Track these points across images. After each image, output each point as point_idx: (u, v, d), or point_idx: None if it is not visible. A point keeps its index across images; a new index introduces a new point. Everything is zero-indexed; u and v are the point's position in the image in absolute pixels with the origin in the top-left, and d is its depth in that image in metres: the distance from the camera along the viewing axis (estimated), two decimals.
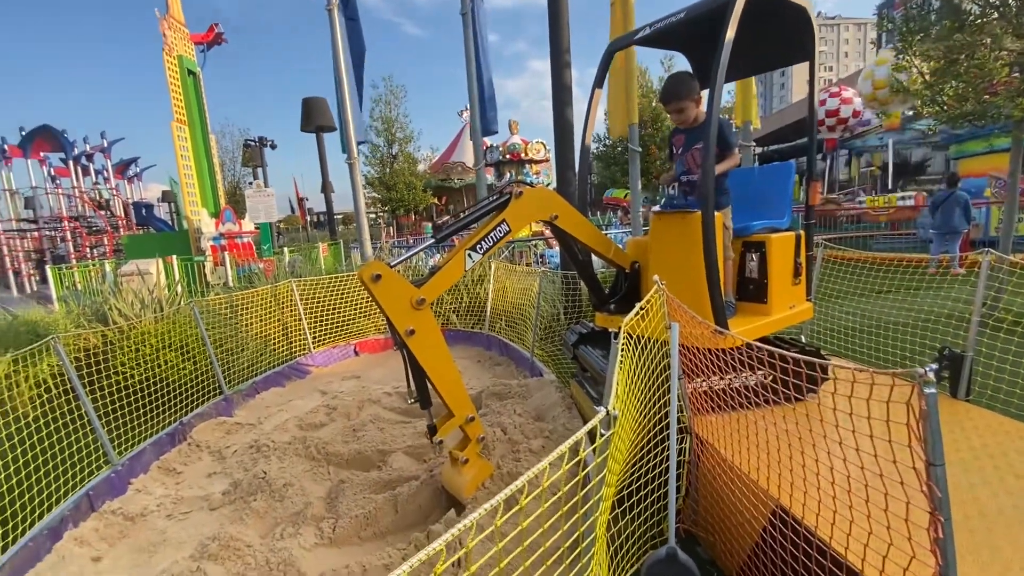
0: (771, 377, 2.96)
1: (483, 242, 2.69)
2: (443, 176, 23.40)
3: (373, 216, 29.36)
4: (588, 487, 1.20)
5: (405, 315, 2.41)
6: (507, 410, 3.78)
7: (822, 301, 5.04)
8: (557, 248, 12.36)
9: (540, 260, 12.14)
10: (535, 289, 5.99)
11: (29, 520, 2.74)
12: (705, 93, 3.31)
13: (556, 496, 1.17)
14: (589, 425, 1.18)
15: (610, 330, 2.76)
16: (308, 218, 34.57)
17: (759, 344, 2.09)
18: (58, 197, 22.60)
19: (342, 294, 6.49)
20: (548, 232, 14.85)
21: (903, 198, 14.36)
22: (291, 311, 6.05)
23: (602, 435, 1.21)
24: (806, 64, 3.50)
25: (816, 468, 1.93)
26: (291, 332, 6.00)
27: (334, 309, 6.37)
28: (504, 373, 5.27)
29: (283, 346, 5.88)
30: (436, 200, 26.98)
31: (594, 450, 1.20)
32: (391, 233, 26.39)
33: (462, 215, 2.80)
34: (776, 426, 2.63)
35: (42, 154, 22.91)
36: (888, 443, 1.46)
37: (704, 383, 2.97)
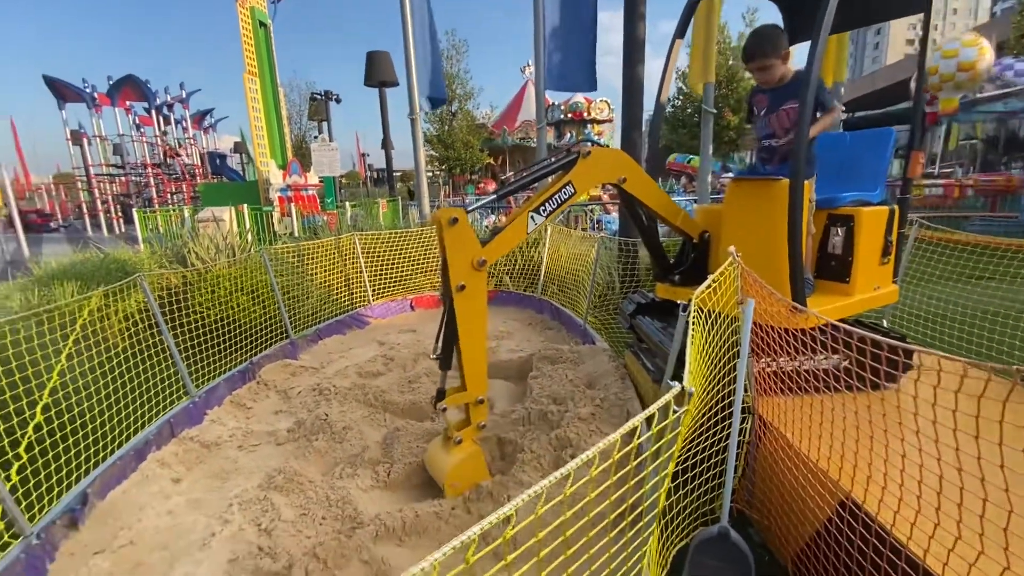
0: (847, 362, 2.78)
1: (547, 204, 2.57)
2: (522, 135, 22.80)
3: (431, 174, 29.57)
4: (658, 462, 1.14)
5: (464, 269, 2.36)
6: (558, 375, 3.76)
7: (906, 284, 4.65)
8: (615, 214, 12.02)
9: (596, 226, 11.86)
10: (591, 256, 5.86)
11: (117, 441, 3.01)
12: (794, 49, 3.01)
13: (625, 470, 1.12)
14: (663, 400, 1.11)
15: (678, 302, 2.64)
16: (368, 174, 35.30)
17: (843, 325, 1.94)
18: (142, 144, 24.04)
19: (401, 250, 6.61)
20: (606, 197, 14.44)
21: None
22: (352, 263, 6.23)
23: (675, 411, 1.14)
24: (907, 22, 3.08)
25: (900, 463, 1.80)
26: (352, 283, 6.20)
27: (393, 264, 6.51)
28: (555, 338, 5.24)
29: (345, 296, 6.10)
30: (492, 160, 26.79)
31: (665, 426, 1.14)
32: (447, 192, 26.53)
33: (524, 174, 2.70)
34: (853, 415, 2.47)
35: (128, 103, 24.32)
36: (982, 441, 1.32)
37: (772, 363, 2.82)
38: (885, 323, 4.12)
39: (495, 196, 2.60)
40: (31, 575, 2.16)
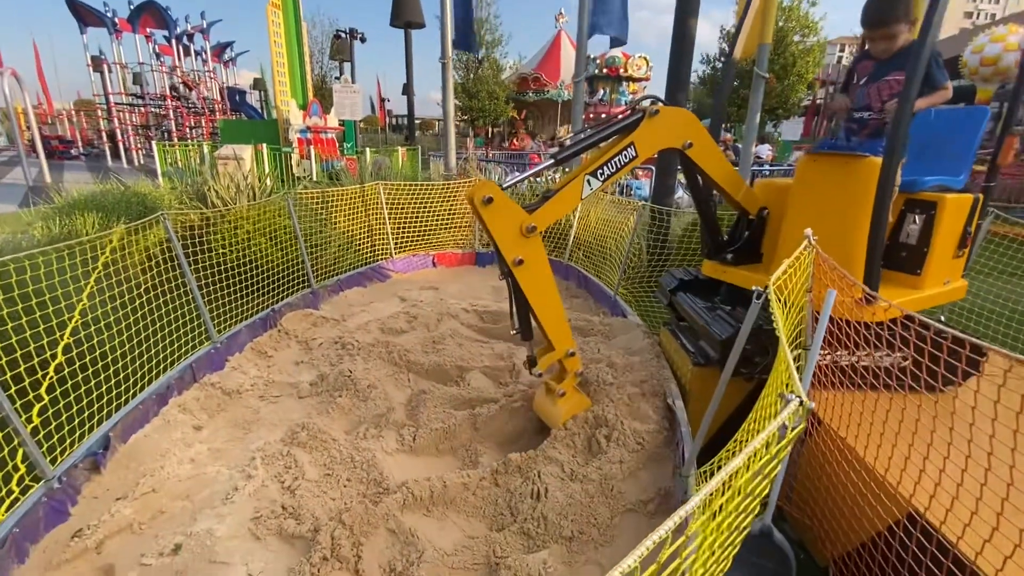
0: (910, 360, 2.59)
1: (605, 168, 2.36)
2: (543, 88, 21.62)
3: (456, 125, 28.76)
4: (767, 476, 0.99)
5: (515, 243, 2.24)
6: (589, 347, 3.62)
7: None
8: (644, 179, 11.58)
9: (624, 191, 11.45)
10: (624, 223, 5.60)
11: (140, 384, 2.94)
12: None
13: (726, 496, 0.96)
14: (780, 419, 0.94)
15: (752, 287, 2.44)
16: (388, 120, 34.48)
17: (923, 318, 1.75)
18: (162, 75, 23.53)
19: (425, 203, 6.39)
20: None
21: None
22: (376, 214, 6.04)
23: (792, 428, 0.97)
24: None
25: (966, 471, 1.65)
26: (375, 235, 6.03)
27: (416, 217, 6.31)
28: (582, 307, 5.08)
29: (367, 247, 5.94)
30: (516, 114, 25.85)
31: (781, 446, 0.97)
32: (467, 145, 25.90)
33: (582, 135, 2.46)
34: (916, 418, 2.30)
35: (148, 30, 23.65)
36: None
37: (828, 356, 2.64)
38: (942, 319, 3.88)
39: (546, 165, 2.38)
40: (53, 518, 2.12)
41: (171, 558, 1.99)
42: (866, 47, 2.72)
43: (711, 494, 0.78)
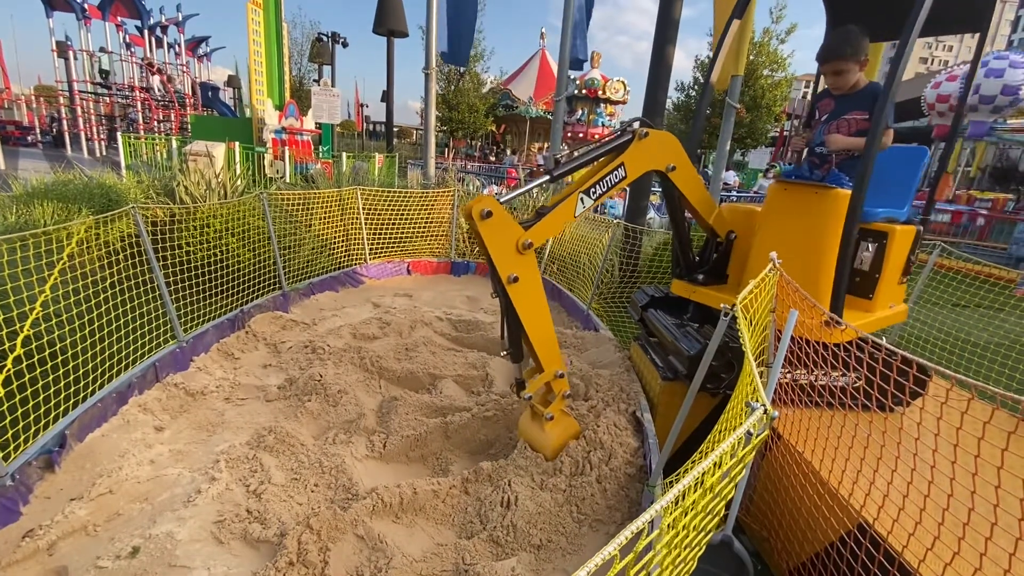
0: (862, 380, 2.75)
1: (597, 186, 2.43)
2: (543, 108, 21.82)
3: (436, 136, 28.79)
4: (732, 479, 1.05)
5: (510, 259, 2.21)
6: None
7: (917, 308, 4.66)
8: (618, 199, 11.84)
9: (598, 209, 11.68)
10: (598, 240, 5.74)
11: (99, 381, 2.84)
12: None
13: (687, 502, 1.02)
14: (747, 425, 1.01)
15: (721, 306, 2.55)
16: (365, 126, 34.26)
17: (875, 339, 1.90)
18: (131, 65, 22.82)
19: (403, 210, 6.38)
20: None
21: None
22: (352, 218, 5.99)
23: (756, 435, 1.04)
24: (924, 40, 2.96)
25: (911, 485, 1.78)
26: (350, 239, 5.98)
27: (393, 224, 6.29)
28: (555, 320, 5.10)
29: (341, 251, 5.88)
30: (495, 128, 26.09)
31: (746, 452, 1.04)
32: (447, 156, 25.96)
33: (575, 153, 2.52)
34: (866, 434, 2.44)
35: (119, 19, 22.96)
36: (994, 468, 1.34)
37: (787, 375, 2.77)
38: (883, 340, 4.11)
39: (542, 181, 2.37)
40: (4, 517, 2.02)
41: (128, 561, 1.92)
42: (826, 86, 2.92)
43: (682, 491, 0.84)
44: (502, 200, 2.15)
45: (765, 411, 1.07)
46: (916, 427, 1.83)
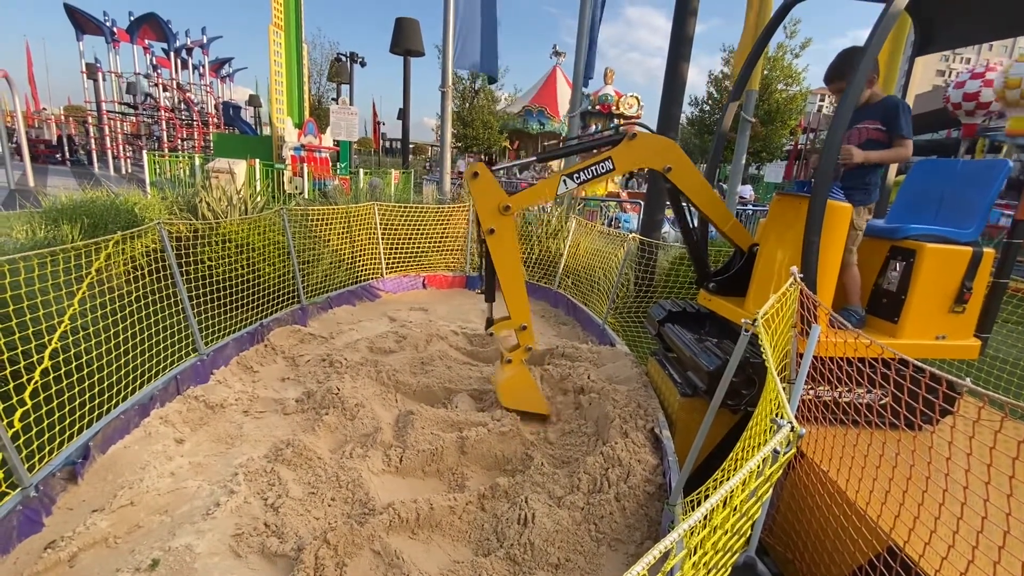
0: (888, 397, 2.66)
1: (582, 173, 2.73)
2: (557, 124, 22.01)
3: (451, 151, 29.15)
4: (758, 498, 1.03)
5: (491, 215, 2.72)
6: (576, 373, 3.65)
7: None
8: (632, 213, 11.82)
9: (612, 223, 11.68)
10: (613, 254, 5.72)
11: (122, 393, 2.88)
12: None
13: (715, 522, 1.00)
14: (773, 443, 0.99)
15: (742, 320, 2.54)
16: (382, 143, 34.83)
17: (911, 360, 1.84)
18: (158, 86, 23.55)
19: (419, 225, 6.45)
20: (624, 194, 14.23)
21: None
22: (368, 233, 6.07)
23: (784, 452, 1.02)
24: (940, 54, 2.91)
25: (943, 506, 1.71)
26: (366, 254, 6.05)
27: (409, 238, 6.35)
28: (569, 334, 5.13)
29: (359, 266, 5.95)
30: (509, 144, 26.33)
31: (774, 470, 1.01)
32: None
33: (561, 145, 2.98)
34: (894, 453, 2.37)
35: (146, 41, 23.79)
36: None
37: (810, 391, 2.71)
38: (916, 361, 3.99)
39: (528, 160, 2.91)
40: (27, 528, 2.05)
41: (148, 573, 1.93)
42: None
43: (711, 510, 0.82)
44: (494, 168, 2.66)
45: (792, 428, 1.05)
46: (947, 446, 1.77)
